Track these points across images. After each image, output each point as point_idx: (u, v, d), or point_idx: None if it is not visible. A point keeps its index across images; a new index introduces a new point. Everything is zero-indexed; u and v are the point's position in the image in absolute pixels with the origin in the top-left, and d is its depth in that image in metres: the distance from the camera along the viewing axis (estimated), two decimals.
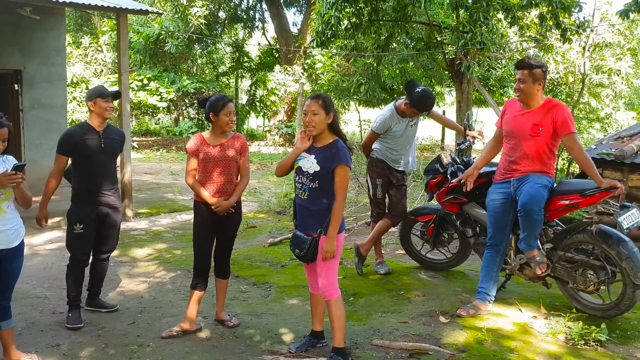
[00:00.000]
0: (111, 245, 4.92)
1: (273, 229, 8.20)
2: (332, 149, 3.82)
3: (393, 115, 5.52)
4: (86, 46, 22.26)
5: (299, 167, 3.91)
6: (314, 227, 3.83)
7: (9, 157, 3.75)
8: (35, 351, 4.06)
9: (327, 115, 3.84)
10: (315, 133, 3.86)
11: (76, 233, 4.61)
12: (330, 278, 3.82)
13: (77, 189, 4.66)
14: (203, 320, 4.64)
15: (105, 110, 4.66)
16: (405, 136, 5.60)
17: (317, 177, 3.80)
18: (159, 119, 26.57)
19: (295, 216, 4.05)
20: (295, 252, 3.89)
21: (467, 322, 4.51)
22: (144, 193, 11.04)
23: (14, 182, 3.51)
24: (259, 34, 25.09)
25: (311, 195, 3.83)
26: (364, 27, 12.14)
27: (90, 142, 4.61)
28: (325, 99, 3.90)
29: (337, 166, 3.76)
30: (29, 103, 10.26)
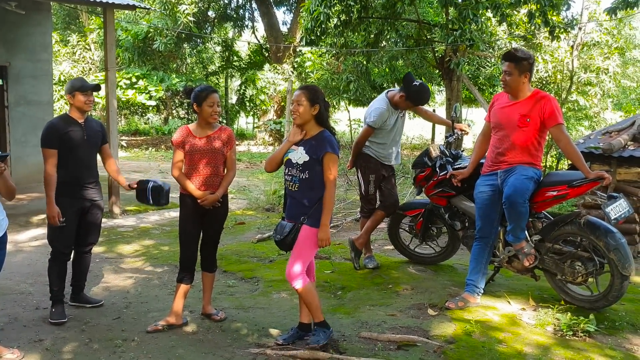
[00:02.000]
0: (93, 238, 4.87)
1: (262, 225, 8.15)
2: (319, 139, 3.87)
3: (388, 107, 5.46)
4: (74, 44, 22.12)
5: (288, 160, 3.93)
6: (299, 216, 3.85)
7: None
8: (17, 346, 3.98)
9: (312, 107, 3.86)
10: (298, 122, 3.89)
11: (59, 226, 4.52)
12: (298, 266, 3.83)
13: (59, 182, 4.54)
14: (189, 315, 4.58)
15: (84, 104, 4.58)
16: (395, 129, 5.56)
17: (307, 168, 3.83)
18: (149, 119, 26.46)
19: (284, 207, 4.04)
20: (276, 238, 3.92)
21: (455, 315, 4.48)
22: (132, 191, 10.92)
23: None
24: (249, 32, 25.03)
25: (301, 187, 3.86)
26: (353, 24, 12.12)
27: (73, 134, 4.54)
28: (312, 90, 3.92)
29: (324, 154, 3.80)
30: (14, 99, 10.15)
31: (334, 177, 3.83)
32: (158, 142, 21.18)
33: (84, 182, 4.60)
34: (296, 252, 3.86)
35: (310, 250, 3.88)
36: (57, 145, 4.49)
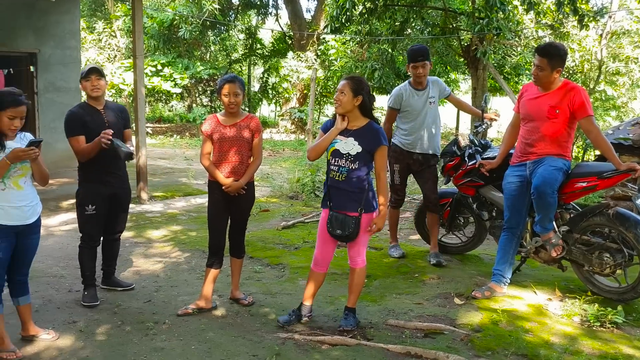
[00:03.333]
0: (122, 225, 4.94)
1: (286, 213, 8.22)
2: (371, 131, 3.97)
3: (406, 87, 5.50)
4: (100, 31, 22.31)
5: (335, 150, 3.99)
6: (352, 206, 3.95)
7: (27, 134, 3.77)
8: (52, 327, 4.10)
9: (354, 97, 3.93)
10: (340, 111, 3.97)
11: (88, 214, 4.59)
12: (362, 251, 4.10)
13: (85, 170, 4.61)
14: (218, 299, 4.66)
15: (90, 89, 4.54)
16: (423, 114, 5.47)
17: (358, 158, 3.92)
18: (173, 106, 26.65)
19: (328, 198, 4.07)
20: (336, 232, 3.98)
21: (482, 304, 4.50)
22: (159, 177, 11.10)
23: (29, 156, 3.52)
24: (273, 20, 25.04)
25: (349, 177, 3.94)
26: (379, 12, 12.06)
27: (93, 122, 4.51)
28: (356, 81, 4.00)
29: (379, 147, 3.93)
30: (43, 86, 10.34)
31: (385, 169, 4.00)
32: (182, 130, 21.34)
33: (109, 169, 4.62)
34: (359, 239, 4.01)
35: (368, 235, 4.07)
36: (81, 131, 4.48)
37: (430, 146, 5.56)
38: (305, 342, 3.89)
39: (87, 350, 3.79)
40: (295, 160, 14.27)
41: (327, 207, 4.07)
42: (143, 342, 3.90)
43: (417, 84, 5.48)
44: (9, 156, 3.47)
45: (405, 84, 5.58)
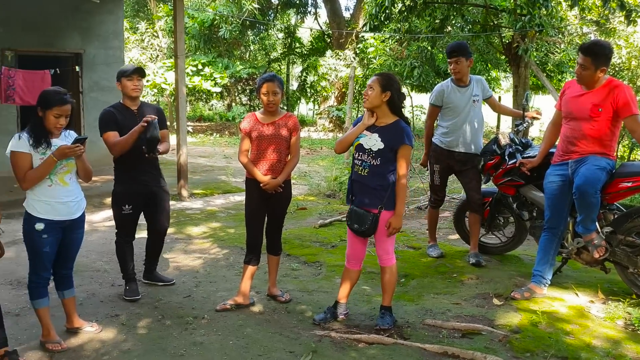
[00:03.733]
0: (166, 222, 4.96)
1: (323, 211, 8.24)
2: (396, 129, 3.94)
3: (448, 83, 5.46)
4: (142, 32, 22.75)
5: (359, 145, 4.00)
6: (373, 203, 3.95)
7: (71, 132, 3.89)
8: (95, 320, 4.22)
9: (383, 93, 3.92)
10: (367, 106, 3.99)
11: (125, 214, 4.68)
12: (389, 248, 4.07)
13: (120, 170, 4.67)
14: (256, 295, 4.72)
15: (131, 89, 4.57)
16: (466, 111, 5.38)
17: (380, 155, 3.91)
18: (212, 105, 27.00)
19: (350, 192, 4.08)
20: (354, 227, 4.00)
21: (521, 305, 4.43)
22: (199, 175, 11.27)
23: (75, 152, 3.63)
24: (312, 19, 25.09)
25: (371, 172, 3.94)
26: (418, 9, 11.96)
27: (127, 122, 4.53)
28: (386, 77, 4.00)
29: (401, 145, 3.90)
30: (88, 85, 10.61)
31: (407, 168, 3.95)
32: (222, 128, 21.61)
33: (144, 169, 4.66)
34: (383, 238, 4.01)
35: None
36: (115, 127, 4.52)
37: (474, 145, 5.46)
38: (341, 340, 3.90)
39: (128, 343, 3.89)
40: (332, 158, 14.28)
41: (349, 202, 4.09)
42: (182, 336, 3.98)
43: (458, 81, 5.42)
44: (55, 153, 3.59)
45: (447, 80, 5.54)
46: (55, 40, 10.22)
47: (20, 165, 3.59)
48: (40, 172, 3.59)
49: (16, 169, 3.61)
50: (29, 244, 3.70)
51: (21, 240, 6.20)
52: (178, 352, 3.75)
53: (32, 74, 8.60)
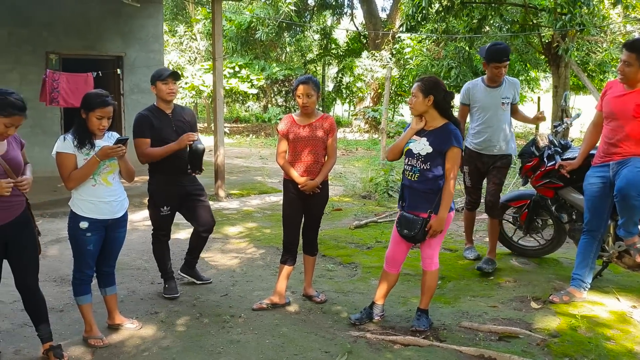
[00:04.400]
0: (211, 220, 4.95)
1: (358, 212, 8.24)
2: (444, 132, 3.93)
3: (477, 82, 5.37)
4: (181, 35, 23.15)
5: (409, 150, 4.01)
6: (423, 207, 3.95)
7: (113, 133, 3.99)
8: (135, 317, 4.32)
9: (425, 98, 3.91)
10: (414, 113, 4.00)
11: (163, 215, 4.76)
12: (434, 252, 4.06)
13: (156, 174, 4.75)
14: (291, 295, 4.76)
15: (166, 93, 4.61)
16: (492, 112, 5.24)
17: (429, 159, 3.90)
18: (249, 107, 27.27)
19: (401, 198, 4.10)
20: (404, 232, 3.98)
21: (560, 309, 4.36)
22: (235, 175, 11.41)
23: (117, 153, 3.73)
24: (348, 20, 25.13)
25: (421, 177, 3.94)
26: (456, 9, 11.89)
27: (162, 125, 4.62)
28: (426, 82, 3.98)
29: (449, 148, 3.88)
30: (129, 87, 10.85)
31: (455, 171, 3.92)
32: (258, 129, 21.82)
33: (178, 171, 4.71)
34: (429, 241, 4.00)
35: (440, 236, 4.03)
36: (149, 134, 4.59)
37: (500, 147, 5.29)
38: (377, 341, 3.90)
39: (167, 340, 3.97)
40: (368, 159, 14.27)
41: (400, 208, 4.08)
42: (220, 334, 4.04)
43: (491, 81, 5.30)
44: (98, 154, 3.69)
45: (478, 79, 5.46)
46: (97, 43, 10.49)
47: (65, 166, 3.71)
48: (84, 172, 3.70)
49: (61, 169, 3.72)
50: (74, 242, 3.82)
51: (64, 239, 6.42)
52: (216, 349, 3.81)
53: (75, 77, 8.84)
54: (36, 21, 9.74)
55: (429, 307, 4.17)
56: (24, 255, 3.53)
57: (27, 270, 3.57)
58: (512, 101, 5.34)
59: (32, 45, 9.76)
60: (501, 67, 5.15)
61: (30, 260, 3.57)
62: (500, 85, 5.28)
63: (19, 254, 3.52)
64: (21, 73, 9.66)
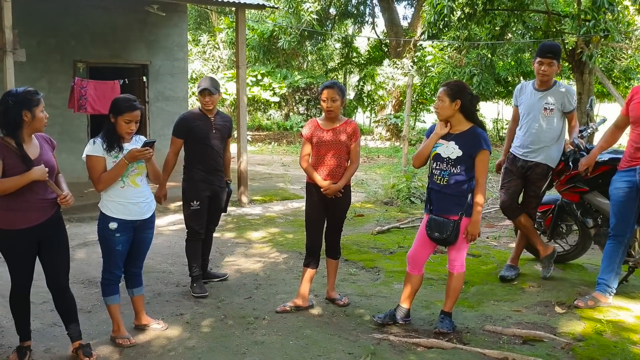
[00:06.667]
0: (217, 221, 5.32)
1: (380, 218, 8.25)
2: (473, 135, 3.95)
3: (528, 83, 5.19)
4: (204, 43, 23.42)
5: (437, 154, 4.03)
6: (453, 210, 3.96)
7: (141, 137, 4.08)
8: (161, 318, 4.39)
9: (452, 102, 3.94)
10: (441, 118, 4.02)
11: (193, 209, 4.98)
12: (461, 256, 4.09)
13: (190, 169, 5.01)
14: (314, 298, 4.79)
15: (203, 104, 4.98)
16: (532, 116, 5.03)
17: (459, 162, 3.93)
18: (270, 115, 27.45)
19: (428, 202, 4.11)
20: (434, 235, 4.00)
21: (585, 313, 4.33)
22: (257, 182, 11.49)
23: (144, 155, 3.82)
24: (369, 28, 25.21)
25: (450, 181, 3.96)
26: (478, 17, 11.88)
27: (202, 126, 4.97)
28: (452, 86, 4.01)
29: (479, 151, 3.90)
30: (154, 95, 11.01)
31: (485, 174, 3.94)
32: (280, 137, 21.94)
33: (212, 170, 5.02)
34: (458, 243, 4.00)
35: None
36: (184, 136, 4.97)
37: (536, 155, 5.03)
38: (400, 344, 3.92)
39: (193, 340, 4.02)
40: (390, 166, 14.28)
41: (428, 212, 4.09)
42: (244, 336, 4.09)
43: (540, 83, 5.05)
44: (126, 156, 3.78)
45: (531, 81, 5.23)
46: (123, 52, 10.68)
47: (95, 168, 3.80)
48: (113, 174, 3.79)
49: (91, 172, 3.82)
50: (103, 242, 3.91)
51: (91, 242, 6.55)
52: (240, 350, 3.86)
53: (102, 84, 9.01)
54: (64, 31, 9.96)
55: (452, 311, 4.17)
56: (56, 254, 3.63)
57: (59, 269, 3.66)
58: (563, 109, 5.01)
59: (60, 54, 9.98)
60: (543, 63, 4.92)
61: (62, 260, 3.66)
62: (548, 90, 5.01)
63: (51, 254, 3.61)
64: (50, 81, 9.86)
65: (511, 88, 17.90)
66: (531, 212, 5.23)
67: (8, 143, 3.40)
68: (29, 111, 3.40)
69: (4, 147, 3.38)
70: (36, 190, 3.45)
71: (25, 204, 3.44)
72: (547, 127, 4.99)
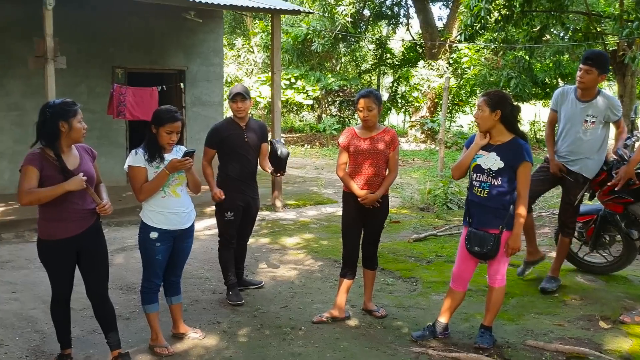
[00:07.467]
0: (250, 230, 5.33)
1: (417, 225, 8.16)
2: (515, 146, 3.86)
3: (570, 89, 4.99)
4: (239, 47, 23.58)
5: (477, 165, 3.95)
6: (494, 223, 3.88)
7: (181, 147, 4.11)
8: (199, 326, 4.41)
9: (492, 112, 3.85)
10: (481, 129, 3.94)
11: (227, 220, 4.98)
12: (502, 269, 3.99)
13: (224, 179, 5.00)
14: (351, 309, 4.75)
15: (235, 110, 4.95)
16: (571, 125, 4.89)
17: (500, 174, 3.85)
18: (303, 117, 27.50)
19: (467, 214, 4.04)
20: (474, 249, 3.92)
21: (632, 330, 4.19)
22: (291, 186, 11.50)
23: (184, 165, 3.85)
24: (403, 30, 25.04)
25: (491, 193, 3.88)
26: (515, 18, 11.68)
27: (234, 136, 4.95)
28: (493, 96, 3.93)
29: (521, 163, 3.82)
30: (190, 100, 11.12)
31: (527, 186, 3.85)
32: (312, 139, 21.93)
33: (245, 179, 5.03)
34: (498, 257, 3.91)
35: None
36: (216, 147, 4.99)
37: (573, 165, 4.95)
38: (439, 358, 3.86)
39: (230, 350, 4.03)
40: (425, 170, 14.12)
41: (467, 224, 4.02)
42: (281, 347, 4.08)
43: (580, 93, 4.88)
44: (167, 167, 3.81)
45: (573, 86, 5.02)
46: (160, 58, 10.82)
47: (137, 178, 3.85)
48: (154, 185, 3.83)
49: (133, 182, 3.87)
50: (143, 251, 3.95)
51: (130, 247, 6.63)
52: None
53: (141, 91, 9.13)
54: (103, 37, 10.13)
55: (492, 325, 4.09)
56: (95, 264, 3.67)
57: (99, 278, 3.70)
58: (607, 120, 4.86)
59: (99, 60, 10.15)
60: (582, 70, 4.75)
61: (101, 270, 3.71)
62: (591, 101, 4.83)
63: (91, 263, 3.66)
64: (89, 87, 10.05)
65: (549, 90, 17.57)
66: (568, 222, 5.11)
67: (47, 154, 3.45)
68: (66, 122, 3.44)
69: (43, 157, 3.44)
70: (74, 201, 3.49)
71: (63, 214, 3.49)
72: (587, 139, 4.86)
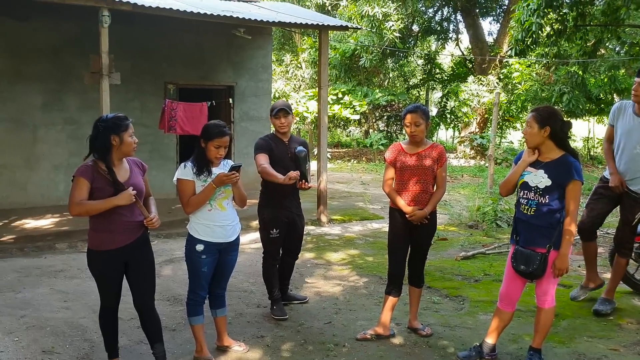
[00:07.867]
0: (299, 248, 5.27)
1: (465, 242, 8.01)
2: (563, 164, 3.76)
3: (629, 105, 4.81)
4: (287, 63, 23.87)
5: (524, 183, 3.86)
6: (541, 242, 3.78)
7: (228, 161, 4.16)
8: (243, 340, 4.42)
9: (541, 129, 3.76)
10: (529, 145, 3.84)
11: (272, 237, 4.97)
12: (551, 290, 3.88)
13: (268, 196, 4.99)
14: (396, 327, 4.68)
15: (278, 126, 4.96)
16: (627, 142, 4.76)
17: (548, 192, 3.75)
18: (350, 132, 27.53)
19: (515, 232, 3.95)
20: (520, 268, 3.81)
21: None
22: (337, 201, 11.49)
23: (231, 180, 3.89)
24: (452, 44, 24.84)
25: (538, 210, 3.78)
26: (568, 33, 11.41)
27: (278, 151, 4.93)
28: (542, 112, 3.84)
29: (570, 181, 3.71)
30: (239, 115, 11.32)
31: (576, 205, 3.73)
32: (359, 154, 21.91)
33: (289, 195, 4.99)
34: (546, 277, 3.81)
35: None
36: (267, 151, 4.86)
37: (632, 182, 4.79)
38: None
39: None
40: (474, 187, 13.88)
41: (514, 242, 3.91)
42: None
43: (637, 107, 4.74)
44: (214, 181, 3.87)
45: (629, 102, 4.87)
46: (210, 74, 11.06)
47: (185, 191, 3.92)
48: (201, 198, 3.89)
49: (181, 195, 3.94)
50: (190, 263, 4.01)
51: (177, 259, 6.74)
52: None
53: (191, 106, 9.33)
54: (156, 54, 10.43)
55: (541, 347, 3.95)
56: (142, 276, 3.73)
57: (145, 289, 3.76)
58: None
59: (152, 76, 10.44)
60: (637, 83, 4.61)
61: (148, 281, 3.76)
62: None
63: (138, 274, 3.72)
64: (142, 102, 10.34)
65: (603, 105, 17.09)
66: (625, 242, 4.93)
67: (99, 166, 3.54)
68: (117, 136, 3.52)
69: (95, 170, 3.53)
70: (123, 213, 3.56)
71: (111, 226, 3.56)
72: None
